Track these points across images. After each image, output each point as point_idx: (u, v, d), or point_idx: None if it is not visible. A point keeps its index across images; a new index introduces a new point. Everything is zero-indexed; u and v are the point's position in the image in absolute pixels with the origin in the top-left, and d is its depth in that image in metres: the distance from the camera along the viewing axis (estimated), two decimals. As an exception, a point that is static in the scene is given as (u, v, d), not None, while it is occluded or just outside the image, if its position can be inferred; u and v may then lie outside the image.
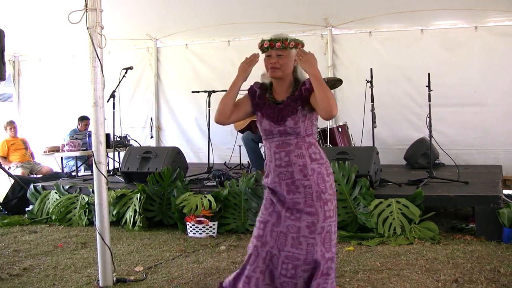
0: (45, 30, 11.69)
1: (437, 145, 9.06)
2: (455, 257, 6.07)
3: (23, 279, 5.88)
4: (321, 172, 4.13)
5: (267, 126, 4.19)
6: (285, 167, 4.13)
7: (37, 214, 9.25)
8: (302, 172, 4.10)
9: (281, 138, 4.16)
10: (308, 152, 4.13)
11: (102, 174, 5.49)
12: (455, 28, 11.09)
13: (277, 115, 4.13)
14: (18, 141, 12.30)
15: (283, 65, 4.17)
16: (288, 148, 4.13)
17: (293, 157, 4.11)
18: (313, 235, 4.07)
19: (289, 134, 4.13)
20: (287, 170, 4.13)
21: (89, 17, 5.38)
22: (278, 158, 4.16)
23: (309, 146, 4.17)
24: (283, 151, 4.14)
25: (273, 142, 4.19)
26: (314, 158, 4.14)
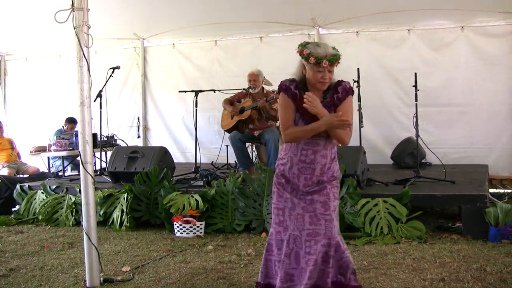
0: (32, 30, 11.64)
1: (423, 144, 9.09)
2: (442, 256, 6.09)
3: (10, 279, 5.85)
4: (334, 169, 4.46)
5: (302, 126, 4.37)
6: (308, 164, 4.35)
7: (23, 214, 9.22)
8: (321, 170, 4.37)
9: (312, 137, 4.33)
10: (330, 152, 4.40)
11: (89, 174, 5.48)
12: (442, 28, 11.14)
13: (313, 119, 4.27)
14: (4, 141, 12.22)
15: (330, 79, 4.30)
16: (316, 148, 4.34)
17: (318, 156, 4.34)
18: (328, 212, 4.31)
19: (320, 136, 4.32)
20: (309, 167, 4.35)
21: (75, 16, 5.36)
22: (304, 154, 4.36)
23: (333, 147, 4.43)
24: (311, 149, 4.34)
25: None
26: (333, 158, 4.43)
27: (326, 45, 4.27)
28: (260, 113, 9.33)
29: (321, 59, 4.17)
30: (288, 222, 4.37)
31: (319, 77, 4.23)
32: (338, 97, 4.34)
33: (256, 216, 7.80)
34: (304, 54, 4.23)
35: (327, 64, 4.18)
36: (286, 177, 4.43)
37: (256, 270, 5.81)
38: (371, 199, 7.35)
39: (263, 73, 9.67)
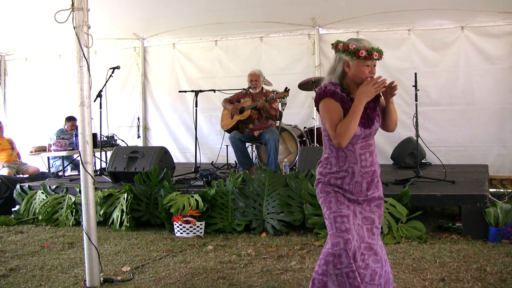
0: (32, 30, 11.64)
1: (424, 144, 9.09)
2: (442, 256, 6.09)
3: (10, 279, 5.85)
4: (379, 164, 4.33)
5: (358, 131, 4.11)
6: (369, 167, 4.18)
7: (23, 214, 9.22)
8: (379, 169, 4.30)
9: (364, 140, 4.19)
10: (375, 149, 4.30)
11: (89, 174, 5.48)
12: (442, 28, 11.15)
13: (367, 119, 4.15)
14: (4, 141, 12.22)
15: (374, 74, 4.17)
16: (370, 149, 4.23)
17: (374, 156, 4.24)
18: (381, 224, 4.25)
19: (371, 135, 4.24)
20: (370, 170, 4.19)
21: (75, 16, 5.37)
22: (364, 159, 4.17)
23: (375, 142, 4.31)
24: (367, 151, 4.20)
25: (357, 144, 4.16)
26: (376, 154, 4.31)
27: (370, 42, 4.15)
28: (260, 113, 9.33)
29: (372, 51, 4.06)
30: (353, 231, 4.02)
31: (368, 72, 4.09)
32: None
33: (256, 216, 7.80)
34: (350, 49, 4.05)
35: (377, 55, 4.09)
36: (342, 188, 4.17)
37: (256, 270, 5.82)
38: (371, 199, 7.34)
39: (263, 73, 9.69)
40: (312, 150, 9.02)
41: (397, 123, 4.31)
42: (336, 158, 4.17)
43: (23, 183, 9.85)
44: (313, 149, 9.25)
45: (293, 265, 5.97)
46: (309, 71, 11.67)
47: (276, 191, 7.86)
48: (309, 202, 7.48)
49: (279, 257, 6.36)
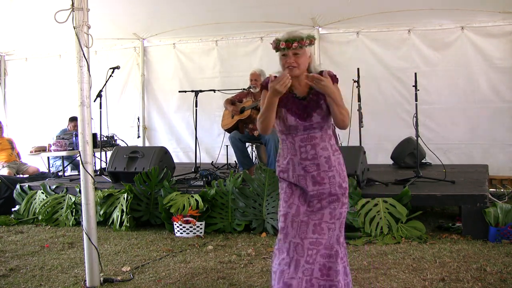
0: (32, 30, 11.63)
1: (424, 144, 9.10)
2: (442, 256, 6.09)
3: (10, 279, 5.86)
4: (340, 163, 4.26)
5: (293, 122, 4.19)
6: (311, 160, 4.17)
7: (23, 214, 9.22)
8: (327, 163, 4.17)
9: (305, 132, 4.19)
10: (330, 143, 4.23)
11: (89, 174, 5.48)
12: (442, 29, 11.15)
13: (303, 111, 4.16)
14: (4, 141, 12.22)
15: (300, 64, 4.14)
16: (313, 142, 4.18)
17: (319, 150, 4.17)
18: (333, 220, 4.17)
19: (314, 128, 4.18)
20: (313, 163, 4.17)
21: (75, 16, 5.37)
22: (304, 151, 4.19)
23: (330, 138, 4.26)
24: (309, 144, 4.18)
25: (297, 136, 4.21)
26: (335, 149, 4.25)
27: (294, 32, 4.18)
28: (260, 113, 9.30)
29: (279, 42, 4.13)
30: (290, 229, 4.16)
31: (284, 62, 4.15)
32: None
33: (256, 216, 7.80)
34: (272, 45, 4.21)
35: (284, 45, 4.10)
36: (292, 182, 4.28)
37: (256, 270, 5.82)
38: (371, 199, 7.36)
39: (264, 73, 9.69)
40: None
41: (344, 121, 4.13)
42: (282, 150, 4.33)
43: (23, 183, 9.85)
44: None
45: (293, 265, 5.97)
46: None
47: (276, 191, 7.84)
48: (309, 202, 7.47)
49: (279, 257, 6.35)
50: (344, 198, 4.24)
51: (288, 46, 4.10)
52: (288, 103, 4.20)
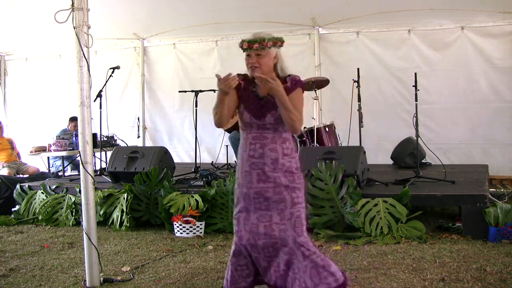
0: (32, 30, 11.64)
1: (424, 144, 9.10)
2: (442, 256, 6.09)
3: (10, 279, 5.86)
4: (290, 166, 4.25)
5: (248, 119, 4.30)
6: (257, 158, 4.23)
7: (23, 214, 9.22)
8: (273, 165, 4.20)
9: (258, 131, 4.26)
10: (281, 147, 4.24)
11: (89, 174, 5.48)
12: (442, 29, 11.16)
13: (259, 110, 4.24)
14: (4, 141, 12.22)
15: (262, 64, 4.21)
16: (264, 141, 4.23)
17: (267, 150, 4.21)
18: (283, 221, 4.18)
19: (268, 129, 4.23)
20: (259, 161, 4.22)
21: (75, 16, 5.37)
22: (252, 148, 4.26)
23: (284, 141, 4.27)
24: (259, 143, 4.24)
25: (251, 133, 4.30)
26: (285, 153, 4.24)
27: (259, 33, 4.27)
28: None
29: (243, 42, 4.21)
30: (243, 232, 4.27)
31: (247, 62, 4.24)
32: (286, 86, 4.22)
33: (256, 216, 7.78)
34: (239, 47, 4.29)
35: (246, 45, 4.20)
36: (240, 180, 4.35)
37: (256, 270, 5.82)
38: (371, 199, 7.35)
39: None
40: (312, 150, 9.01)
41: (294, 126, 4.17)
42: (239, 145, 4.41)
43: (23, 183, 9.85)
44: (313, 149, 9.24)
45: (293, 265, 5.97)
46: (309, 71, 11.65)
47: (275, 191, 7.85)
48: (309, 202, 7.47)
49: (279, 257, 6.35)
50: (296, 197, 4.23)
51: (249, 47, 4.21)
52: (247, 101, 4.30)
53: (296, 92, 4.24)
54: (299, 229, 4.19)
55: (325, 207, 7.48)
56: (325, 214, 7.43)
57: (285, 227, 4.18)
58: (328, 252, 6.47)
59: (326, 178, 7.58)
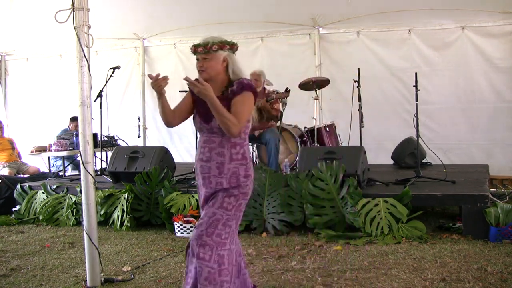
0: (32, 30, 11.64)
1: (424, 144, 9.10)
2: (443, 256, 6.09)
3: (10, 279, 5.86)
4: (236, 172, 4.23)
5: (198, 123, 4.34)
6: (205, 162, 4.26)
7: (24, 214, 9.22)
8: (218, 169, 4.21)
9: (208, 135, 4.29)
10: (230, 151, 4.22)
11: (90, 174, 5.49)
12: (442, 28, 11.17)
13: (207, 114, 4.21)
14: (5, 141, 12.22)
15: (208, 68, 4.27)
16: (211, 145, 4.24)
17: (213, 154, 4.23)
18: (204, 218, 4.21)
19: (215, 133, 4.23)
20: (206, 165, 4.26)
21: (76, 16, 5.38)
22: (201, 152, 4.30)
23: (233, 146, 4.24)
24: (208, 146, 4.26)
25: (203, 137, 4.34)
26: (234, 158, 4.23)
27: (209, 37, 4.36)
28: (261, 113, 9.33)
29: (192, 47, 4.30)
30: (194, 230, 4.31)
31: (196, 65, 4.31)
32: (232, 90, 4.24)
33: (256, 216, 7.79)
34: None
35: (192, 49, 4.30)
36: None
37: (257, 270, 5.83)
38: (372, 199, 7.35)
39: (265, 73, 9.70)
40: (313, 150, 9.01)
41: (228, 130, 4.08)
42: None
43: (24, 183, 9.86)
44: (313, 149, 9.24)
45: (294, 265, 5.98)
46: (310, 71, 11.66)
47: (276, 191, 7.86)
48: (310, 202, 7.49)
49: (279, 257, 6.36)
50: (228, 203, 4.21)
51: (194, 51, 4.32)
52: (199, 105, 4.32)
53: (242, 95, 4.21)
54: (210, 230, 4.16)
55: (326, 207, 7.48)
56: (325, 214, 7.43)
57: (202, 221, 4.21)
58: (329, 252, 6.48)
59: (327, 178, 7.59)
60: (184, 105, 4.47)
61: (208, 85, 4.04)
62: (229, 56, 4.31)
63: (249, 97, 4.24)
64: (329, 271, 5.72)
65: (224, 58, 4.29)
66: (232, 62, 4.31)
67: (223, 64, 4.29)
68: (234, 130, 4.06)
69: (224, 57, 4.29)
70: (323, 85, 10.27)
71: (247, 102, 4.22)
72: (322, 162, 7.78)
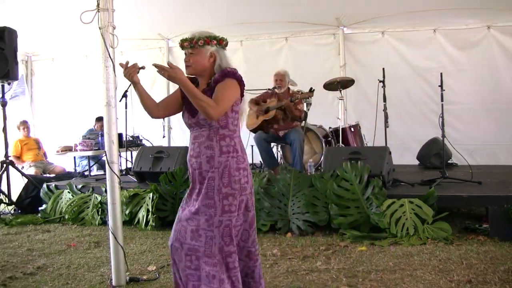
0: (58, 30, 11.70)
1: (450, 145, 9.03)
2: (469, 257, 6.04)
3: (37, 278, 5.91)
4: (228, 165, 4.11)
5: (186, 118, 4.28)
6: (195, 158, 4.17)
7: (50, 213, 9.29)
8: (209, 163, 4.11)
9: (196, 130, 4.22)
10: (219, 144, 4.13)
11: (115, 173, 5.51)
12: (467, 28, 11.10)
13: (192, 108, 4.15)
14: (31, 141, 12.35)
15: (194, 63, 4.27)
16: (200, 140, 4.17)
17: (202, 148, 4.14)
18: (211, 228, 4.07)
19: (203, 126, 4.16)
20: (196, 161, 4.16)
21: (101, 17, 5.41)
22: (192, 148, 4.23)
23: (222, 138, 4.15)
24: (197, 142, 4.19)
25: (192, 133, 4.26)
26: (224, 151, 4.12)
27: (196, 32, 4.36)
28: (285, 113, 9.34)
29: (179, 41, 4.36)
30: (172, 233, 4.26)
31: (184, 60, 4.32)
32: (215, 79, 4.22)
33: (281, 216, 7.79)
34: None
35: (180, 44, 4.35)
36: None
37: (281, 271, 5.82)
38: (397, 200, 7.31)
39: (289, 73, 9.70)
40: (337, 150, 9.00)
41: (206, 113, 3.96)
42: None
43: (50, 182, 9.94)
44: (338, 149, 9.23)
45: (319, 266, 5.96)
46: (334, 71, 11.65)
47: (301, 191, 7.85)
48: (335, 202, 7.47)
49: (304, 257, 6.35)
50: (225, 205, 4.09)
51: (181, 45, 4.35)
52: (187, 100, 4.19)
53: (224, 82, 4.18)
54: (227, 238, 4.10)
55: (351, 207, 7.45)
56: (350, 215, 7.40)
57: (213, 234, 4.07)
58: (354, 253, 6.45)
59: (352, 178, 7.56)
60: (171, 99, 4.48)
61: (178, 68, 3.99)
62: (217, 51, 4.32)
63: (232, 83, 4.20)
64: (354, 271, 5.69)
65: (212, 54, 4.29)
66: (220, 58, 4.32)
67: (210, 60, 4.28)
68: (211, 112, 3.94)
69: (211, 52, 4.29)
70: (348, 85, 10.26)
71: (229, 88, 4.17)
72: (347, 163, 7.75)
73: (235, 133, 4.22)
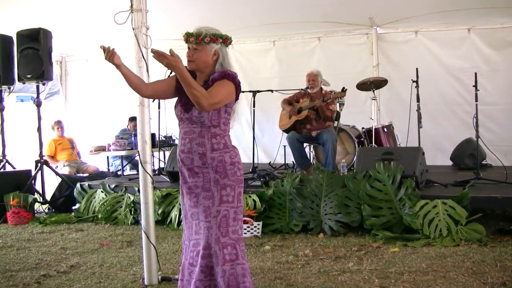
0: (92, 31, 11.79)
1: (484, 145, 8.94)
2: (503, 259, 5.97)
3: (70, 276, 5.96)
4: (222, 160, 4.18)
5: (178, 112, 4.29)
6: (187, 153, 4.20)
7: (83, 213, 9.37)
8: (201, 159, 4.16)
9: (188, 125, 4.23)
10: (210, 141, 4.16)
11: (148, 173, 5.54)
12: (502, 27, 10.97)
13: (187, 103, 4.16)
14: (65, 140, 12.46)
15: (197, 59, 4.21)
16: (191, 136, 4.18)
17: (194, 145, 4.16)
18: (209, 219, 4.12)
19: (195, 123, 4.18)
20: (188, 157, 4.19)
21: (134, 17, 5.44)
22: (183, 143, 4.24)
23: (214, 136, 4.18)
24: (188, 137, 4.20)
25: (183, 128, 4.27)
26: (215, 148, 4.17)
27: (202, 27, 4.23)
28: (318, 114, 9.32)
29: (184, 35, 4.22)
30: (185, 231, 4.34)
31: (186, 54, 4.24)
32: (213, 77, 4.19)
33: (313, 217, 7.78)
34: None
35: (184, 38, 4.21)
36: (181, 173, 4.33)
37: (313, 271, 5.81)
38: (430, 201, 7.25)
39: (321, 73, 9.68)
40: (370, 150, 8.95)
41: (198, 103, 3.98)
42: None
43: (83, 182, 10.03)
44: (371, 149, 9.18)
45: (351, 267, 5.94)
46: (367, 71, 11.60)
47: (333, 192, 7.83)
48: (367, 203, 7.43)
49: (336, 258, 6.33)
50: (223, 195, 4.15)
51: (186, 40, 4.22)
52: (181, 94, 4.21)
53: (221, 81, 4.17)
54: (224, 229, 4.12)
55: (383, 208, 7.41)
56: (383, 215, 7.36)
57: (210, 224, 4.12)
58: (386, 254, 6.42)
59: (384, 179, 7.53)
60: (163, 83, 4.47)
61: (178, 56, 3.93)
62: (220, 49, 4.26)
63: (228, 84, 4.21)
64: (386, 273, 5.66)
65: (215, 51, 4.24)
66: (222, 56, 4.27)
67: (213, 58, 4.24)
68: (203, 102, 3.95)
69: (215, 50, 4.24)
70: (381, 85, 10.22)
71: (225, 87, 4.18)
72: (380, 163, 7.71)
73: (225, 132, 4.29)
